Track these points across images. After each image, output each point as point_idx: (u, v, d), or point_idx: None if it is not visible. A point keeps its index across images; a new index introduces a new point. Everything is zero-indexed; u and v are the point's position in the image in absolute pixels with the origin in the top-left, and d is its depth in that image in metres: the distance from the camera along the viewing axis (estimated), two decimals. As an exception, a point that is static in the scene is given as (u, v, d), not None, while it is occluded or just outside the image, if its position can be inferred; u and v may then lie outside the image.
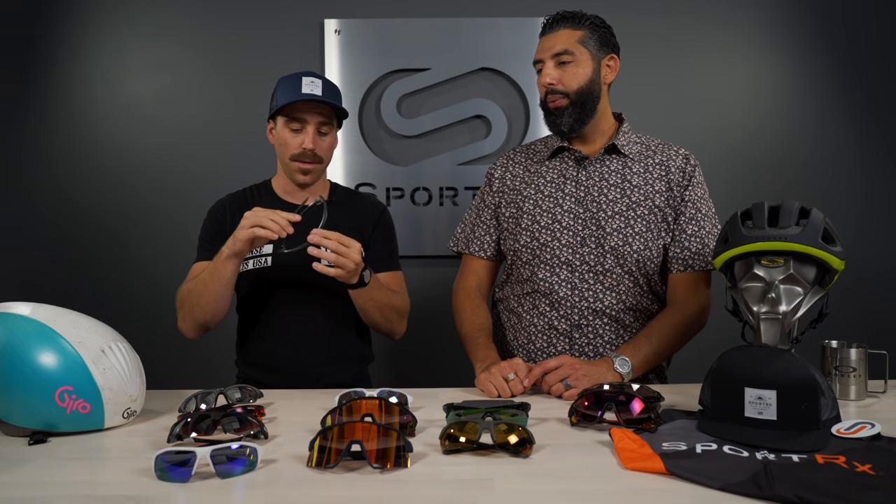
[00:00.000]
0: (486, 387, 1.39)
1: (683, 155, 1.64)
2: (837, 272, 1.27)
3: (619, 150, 1.63)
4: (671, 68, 2.56)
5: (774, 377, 1.05)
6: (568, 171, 1.65)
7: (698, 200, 1.61)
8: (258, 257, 1.66)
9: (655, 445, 1.03)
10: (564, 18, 1.60)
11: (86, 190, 2.56)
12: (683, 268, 1.59)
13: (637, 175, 1.61)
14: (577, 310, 1.58)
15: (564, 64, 1.58)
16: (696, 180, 1.62)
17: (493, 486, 0.91)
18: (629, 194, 1.59)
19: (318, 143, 1.65)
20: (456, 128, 2.58)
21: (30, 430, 1.14)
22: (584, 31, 1.58)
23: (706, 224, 1.60)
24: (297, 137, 1.64)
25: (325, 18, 2.53)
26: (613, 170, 1.62)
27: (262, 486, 0.92)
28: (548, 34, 1.60)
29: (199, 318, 1.57)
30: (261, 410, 1.23)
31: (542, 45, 1.61)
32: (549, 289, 1.59)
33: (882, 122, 2.58)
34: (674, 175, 1.61)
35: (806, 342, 1.35)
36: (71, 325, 1.17)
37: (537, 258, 1.62)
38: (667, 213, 1.60)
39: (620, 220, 1.57)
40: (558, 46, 1.57)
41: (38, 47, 2.54)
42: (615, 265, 1.57)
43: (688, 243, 1.59)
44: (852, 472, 0.92)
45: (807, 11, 2.57)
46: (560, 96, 1.58)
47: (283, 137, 1.65)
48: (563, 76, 1.58)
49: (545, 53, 1.60)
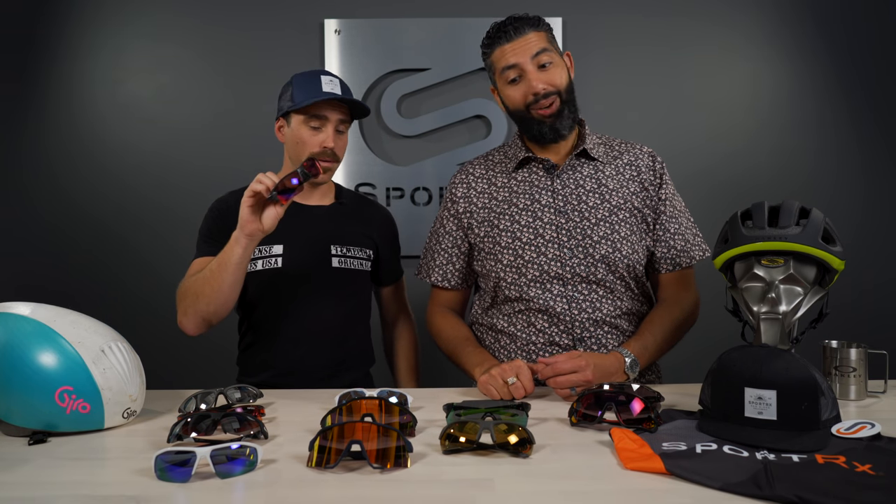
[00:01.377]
0: (487, 391, 1.37)
1: (649, 153, 1.63)
2: (837, 272, 1.27)
3: (588, 155, 1.59)
4: (671, 68, 2.56)
5: (774, 377, 1.05)
6: (540, 182, 1.57)
7: (672, 197, 1.61)
8: (268, 258, 1.64)
9: (655, 445, 1.03)
10: (523, 22, 1.51)
11: (86, 190, 2.56)
12: (672, 267, 1.59)
13: (611, 178, 1.58)
14: (577, 322, 1.52)
15: (545, 66, 1.50)
16: (666, 178, 1.61)
17: (493, 486, 0.91)
18: (608, 199, 1.56)
19: (337, 141, 1.64)
20: (456, 128, 2.58)
21: (30, 430, 1.14)
22: (545, 32, 1.53)
23: (683, 220, 1.61)
24: (317, 136, 1.61)
25: (325, 18, 2.53)
26: (587, 175, 1.58)
27: (262, 486, 0.92)
28: (513, 40, 1.50)
29: (203, 310, 1.50)
30: (261, 410, 1.23)
31: (512, 49, 1.50)
32: (544, 305, 1.53)
33: (882, 122, 2.58)
34: (645, 175, 1.59)
35: (806, 342, 1.35)
36: (71, 325, 1.17)
37: (524, 276, 1.54)
38: (646, 213, 1.58)
39: (605, 226, 1.53)
40: (534, 47, 1.49)
41: (38, 47, 2.54)
42: (607, 272, 1.53)
43: (672, 242, 1.58)
44: (852, 472, 0.92)
45: (807, 11, 2.57)
46: (553, 98, 1.51)
47: (301, 136, 1.62)
48: (550, 78, 1.50)
49: (521, 57, 1.49)
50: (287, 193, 1.38)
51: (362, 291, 1.75)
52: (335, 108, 1.62)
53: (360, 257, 1.71)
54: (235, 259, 1.44)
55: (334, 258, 1.67)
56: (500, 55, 1.53)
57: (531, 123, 1.55)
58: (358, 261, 1.70)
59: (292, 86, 1.64)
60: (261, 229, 1.41)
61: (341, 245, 1.68)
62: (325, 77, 1.62)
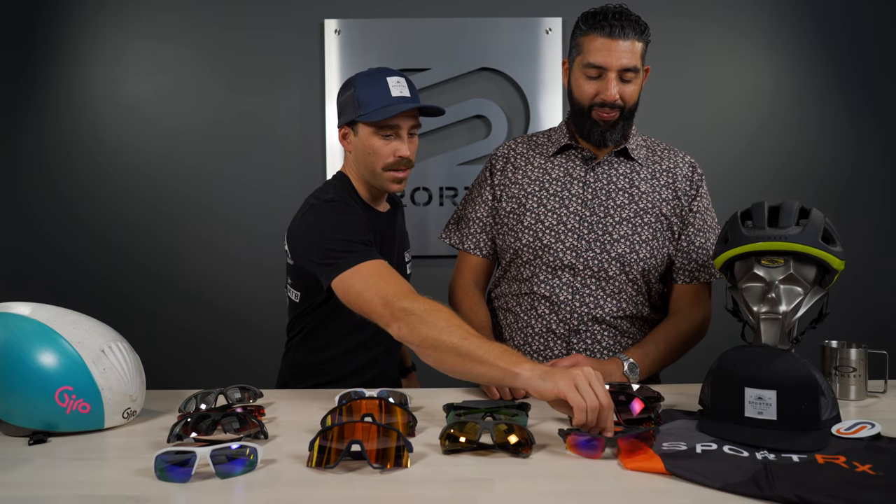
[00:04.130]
0: (489, 391, 1.38)
1: (689, 163, 1.61)
2: (837, 272, 1.27)
3: (628, 154, 1.59)
4: (671, 68, 2.56)
5: (774, 377, 1.05)
6: (575, 171, 1.59)
7: (705, 212, 1.60)
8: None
9: (655, 445, 1.03)
10: (632, 24, 1.45)
11: (85, 190, 2.56)
12: (689, 279, 1.58)
13: (644, 181, 1.58)
14: (576, 315, 1.54)
15: (627, 81, 1.47)
16: (703, 190, 1.60)
17: (493, 486, 0.91)
18: (637, 201, 1.56)
19: (410, 147, 1.51)
20: (456, 128, 2.58)
21: (30, 430, 1.13)
22: (643, 44, 1.48)
23: (711, 236, 1.59)
24: (390, 145, 1.48)
25: (325, 18, 2.53)
26: (622, 174, 1.58)
27: (262, 486, 0.92)
28: (616, 38, 1.44)
29: (427, 358, 1.24)
30: (261, 410, 1.22)
31: (607, 48, 1.45)
32: (548, 292, 1.55)
33: (882, 122, 2.58)
34: (681, 184, 1.58)
35: (806, 342, 1.35)
36: (71, 325, 1.17)
37: (538, 259, 1.56)
38: (673, 221, 1.57)
39: (628, 226, 1.54)
40: (627, 61, 1.44)
41: (38, 47, 2.54)
42: (619, 272, 1.53)
43: (695, 255, 1.57)
44: (852, 472, 0.92)
45: (807, 11, 2.57)
46: (616, 110, 1.49)
47: (373, 146, 1.48)
48: (625, 93, 1.48)
49: (612, 62, 1.44)
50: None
51: None
52: (407, 113, 1.48)
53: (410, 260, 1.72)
54: (484, 380, 1.21)
55: (408, 265, 1.68)
56: (591, 45, 1.46)
57: (585, 120, 1.53)
58: (412, 264, 1.72)
59: (355, 88, 1.49)
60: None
61: (407, 251, 1.69)
62: (392, 79, 1.48)
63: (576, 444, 1.02)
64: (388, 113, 1.43)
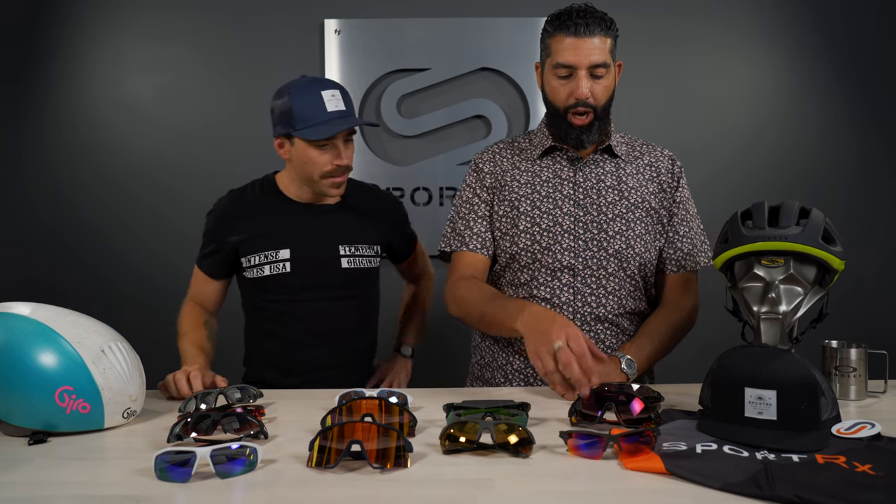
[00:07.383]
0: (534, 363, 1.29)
1: (669, 156, 1.64)
2: (838, 272, 1.27)
3: (611, 151, 1.60)
4: (671, 68, 2.56)
5: (774, 377, 1.05)
6: (563, 172, 1.59)
7: (686, 201, 1.63)
8: (275, 263, 1.62)
9: (655, 445, 1.03)
10: (597, 21, 1.46)
11: (85, 190, 2.57)
12: (677, 268, 1.60)
13: (631, 176, 1.59)
14: (579, 315, 1.54)
15: (598, 78, 1.48)
16: (683, 181, 1.63)
17: (493, 486, 0.91)
18: (627, 196, 1.57)
19: (347, 153, 1.57)
20: (456, 128, 2.58)
21: (30, 430, 1.13)
22: (611, 39, 1.48)
23: (693, 225, 1.62)
24: (325, 155, 1.54)
25: (325, 18, 2.53)
26: (608, 171, 1.59)
27: (262, 486, 0.92)
28: (582, 36, 1.44)
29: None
30: (261, 410, 1.22)
31: (574, 47, 1.45)
32: (549, 294, 1.54)
33: (882, 122, 2.58)
34: (664, 177, 1.61)
35: (806, 342, 1.35)
36: (71, 325, 1.17)
37: (537, 262, 1.55)
38: (661, 214, 1.60)
39: (621, 222, 1.55)
40: (596, 57, 1.45)
41: (38, 47, 2.54)
42: (618, 269, 1.54)
43: (680, 244, 1.59)
44: (852, 472, 0.92)
45: (807, 11, 2.57)
46: (589, 112, 1.49)
47: (309, 156, 1.54)
48: (596, 90, 1.48)
49: (580, 61, 1.45)
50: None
51: (371, 288, 1.76)
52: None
53: (368, 255, 1.70)
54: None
55: (343, 259, 1.66)
56: (559, 45, 1.47)
57: (561, 122, 1.53)
58: (366, 259, 1.70)
59: (290, 101, 1.51)
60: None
61: (349, 245, 1.67)
62: (327, 92, 1.51)
63: (577, 447, 1.02)
64: (324, 133, 1.50)
